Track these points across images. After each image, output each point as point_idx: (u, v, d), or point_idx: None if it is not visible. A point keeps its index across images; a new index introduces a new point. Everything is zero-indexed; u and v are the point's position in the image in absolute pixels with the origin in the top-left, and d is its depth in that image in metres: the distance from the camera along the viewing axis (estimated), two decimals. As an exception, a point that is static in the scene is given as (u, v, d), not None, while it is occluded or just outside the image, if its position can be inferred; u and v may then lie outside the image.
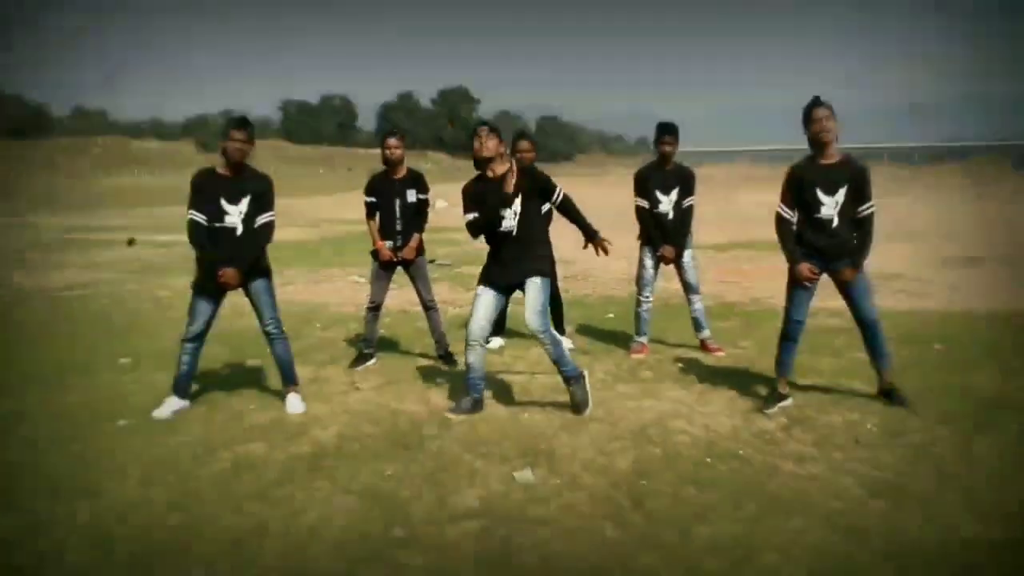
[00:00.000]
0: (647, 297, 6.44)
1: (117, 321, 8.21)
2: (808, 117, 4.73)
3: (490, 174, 4.84)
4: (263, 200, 4.96)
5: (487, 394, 5.15)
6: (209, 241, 4.88)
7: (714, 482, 3.86)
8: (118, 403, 5.24)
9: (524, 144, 6.33)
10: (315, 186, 42.81)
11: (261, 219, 4.95)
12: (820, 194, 4.75)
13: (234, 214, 4.87)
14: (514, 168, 4.81)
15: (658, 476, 3.95)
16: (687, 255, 6.36)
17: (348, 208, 25.41)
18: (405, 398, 5.30)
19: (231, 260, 4.86)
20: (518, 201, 4.79)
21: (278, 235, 5.17)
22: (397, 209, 6.01)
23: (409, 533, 3.42)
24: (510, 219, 4.80)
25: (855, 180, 4.76)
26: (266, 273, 5.09)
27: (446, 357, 6.22)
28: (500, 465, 4.12)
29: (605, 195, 18.44)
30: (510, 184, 4.72)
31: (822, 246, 4.80)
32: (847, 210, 4.77)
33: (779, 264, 5.02)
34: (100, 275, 11.68)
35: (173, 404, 5.05)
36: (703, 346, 6.46)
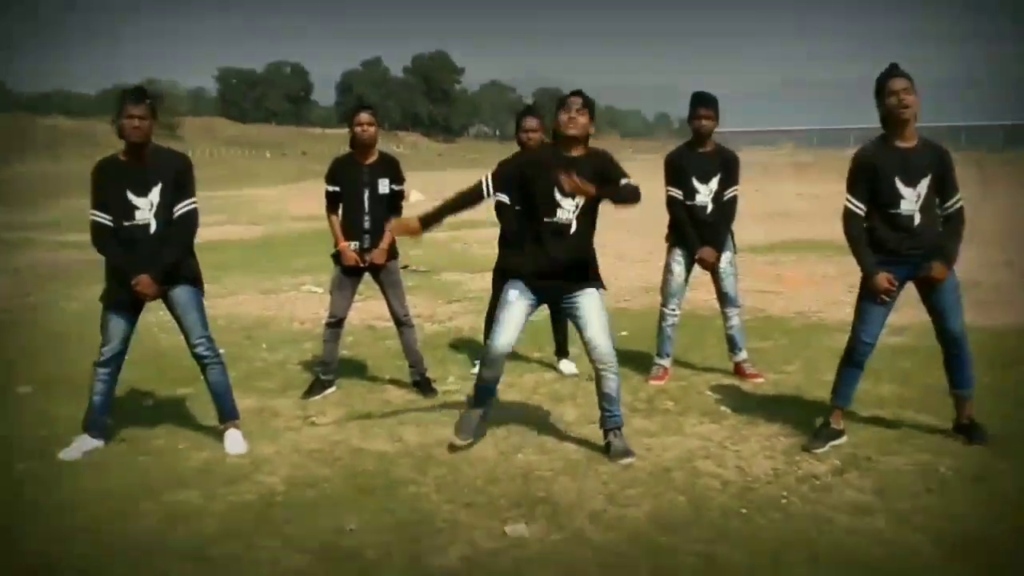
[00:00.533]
0: (673, 310, 6.42)
1: (15, 341, 8.18)
2: (882, 89, 4.67)
3: (564, 152, 4.76)
4: (179, 185, 4.91)
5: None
6: (119, 244, 4.86)
7: (751, 538, 3.87)
8: (16, 443, 5.22)
9: (531, 122, 6.26)
10: (261, 174, 42.78)
11: (179, 209, 4.91)
12: (900, 185, 4.70)
13: (144, 208, 4.85)
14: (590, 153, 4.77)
15: (682, 531, 3.95)
16: (725, 259, 6.32)
17: (302, 201, 25.44)
18: (371, 435, 5.30)
19: (146, 265, 4.82)
20: (576, 197, 4.73)
21: (215, 234, 5.19)
22: (366, 202, 5.99)
23: (377, 601, 3.41)
24: (569, 211, 4.77)
25: (939, 167, 4.73)
26: (192, 279, 5.05)
27: (422, 384, 6.22)
28: (488, 517, 4.12)
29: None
30: (584, 187, 4.53)
31: (903, 249, 4.75)
32: (929, 204, 4.74)
33: (829, 270, 5.04)
34: (-5, 283, 11.64)
35: (85, 443, 5.03)
36: (738, 370, 6.47)
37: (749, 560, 3.67)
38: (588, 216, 4.82)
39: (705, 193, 6.23)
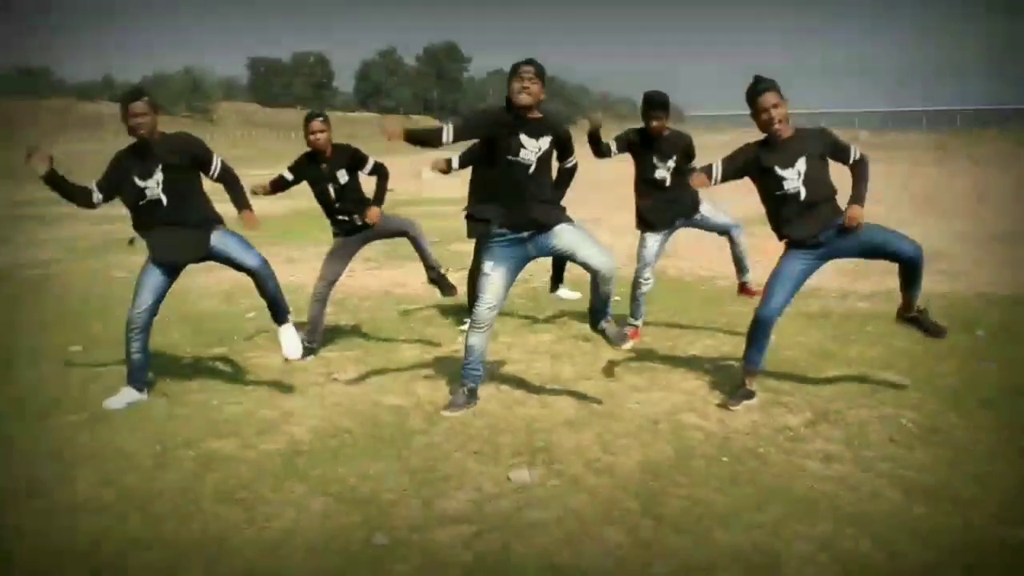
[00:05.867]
0: (648, 279, 6.33)
1: (67, 304, 8.17)
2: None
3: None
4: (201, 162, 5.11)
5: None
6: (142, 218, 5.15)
7: (731, 483, 3.87)
8: (68, 396, 5.23)
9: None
10: (287, 153, 42.51)
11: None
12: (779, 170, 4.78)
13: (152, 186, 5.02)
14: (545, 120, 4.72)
15: (669, 476, 3.95)
16: (705, 208, 6.33)
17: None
18: (388, 390, 5.29)
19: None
20: (540, 140, 4.67)
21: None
22: (331, 192, 6.10)
23: (392, 539, 3.42)
24: (532, 153, 4.66)
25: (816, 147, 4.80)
26: (218, 223, 5.14)
27: (440, 281, 6.33)
28: (494, 464, 4.12)
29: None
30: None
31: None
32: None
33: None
34: (49, 254, 11.63)
35: (128, 395, 5.08)
36: (742, 290, 6.57)
37: (730, 502, 3.67)
38: (545, 161, 4.71)
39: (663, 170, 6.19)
